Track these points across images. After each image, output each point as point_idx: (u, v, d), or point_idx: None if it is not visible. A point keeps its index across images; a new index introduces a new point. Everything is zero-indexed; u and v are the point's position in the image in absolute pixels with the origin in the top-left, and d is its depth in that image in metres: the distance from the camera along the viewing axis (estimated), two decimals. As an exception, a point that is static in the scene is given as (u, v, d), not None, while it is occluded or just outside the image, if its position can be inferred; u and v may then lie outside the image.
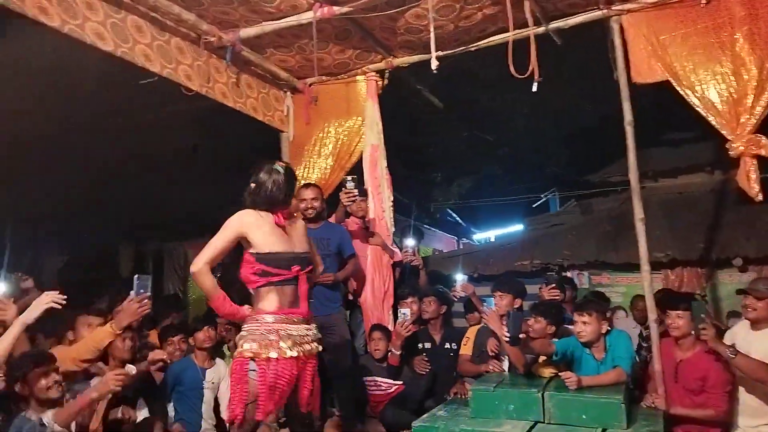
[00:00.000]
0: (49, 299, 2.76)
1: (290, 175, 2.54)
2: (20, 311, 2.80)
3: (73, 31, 3.15)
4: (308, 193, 3.98)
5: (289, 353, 2.29)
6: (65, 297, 2.80)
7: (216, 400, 3.83)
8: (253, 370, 2.29)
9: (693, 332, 3.13)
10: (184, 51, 3.93)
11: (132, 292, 2.94)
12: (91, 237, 9.59)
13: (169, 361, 3.73)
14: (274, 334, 2.29)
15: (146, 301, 2.94)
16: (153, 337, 4.24)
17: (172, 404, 3.73)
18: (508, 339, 3.29)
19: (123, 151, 7.25)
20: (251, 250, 2.41)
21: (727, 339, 3.21)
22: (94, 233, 9.54)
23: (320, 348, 2.50)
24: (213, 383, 3.82)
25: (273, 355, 2.27)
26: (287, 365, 2.29)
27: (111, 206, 8.72)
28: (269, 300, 2.35)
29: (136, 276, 2.96)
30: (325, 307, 3.83)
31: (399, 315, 3.89)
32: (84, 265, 9.56)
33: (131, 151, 7.24)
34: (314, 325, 2.50)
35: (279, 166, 2.51)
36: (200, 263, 2.32)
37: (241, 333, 2.38)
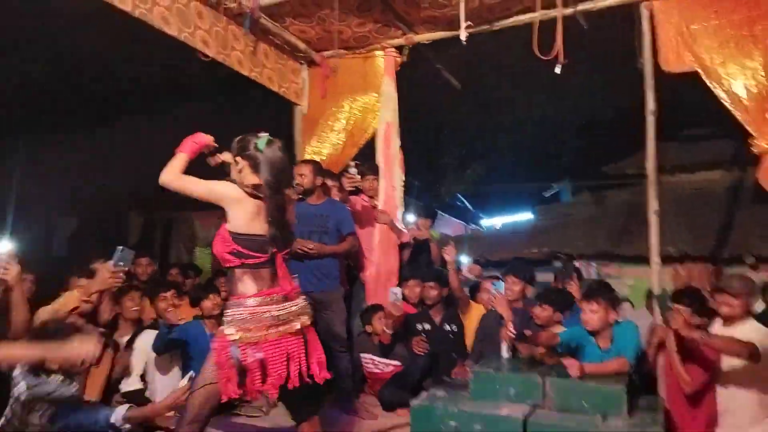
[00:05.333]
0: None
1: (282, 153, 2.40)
2: None
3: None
4: (297, 170, 3.93)
5: (275, 335, 2.25)
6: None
7: None
8: (234, 355, 2.24)
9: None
10: (203, 15, 3.90)
11: (110, 262, 2.87)
12: (103, 203, 9.67)
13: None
14: (256, 318, 2.24)
15: (121, 274, 2.91)
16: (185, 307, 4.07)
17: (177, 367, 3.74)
18: (514, 335, 3.29)
19: (137, 117, 7.28)
20: (228, 227, 2.32)
21: None
22: (106, 200, 9.63)
23: (310, 321, 2.42)
24: None
25: (254, 339, 2.23)
26: (270, 347, 2.25)
27: (122, 174, 8.78)
28: (246, 283, 2.30)
29: (120, 247, 2.88)
30: (321, 282, 3.80)
31: (390, 295, 3.86)
32: (95, 231, 9.62)
33: (145, 119, 7.27)
34: (302, 299, 2.41)
35: (267, 138, 2.38)
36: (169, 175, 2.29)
37: (225, 317, 2.33)
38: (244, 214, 2.30)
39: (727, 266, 6.05)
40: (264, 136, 2.39)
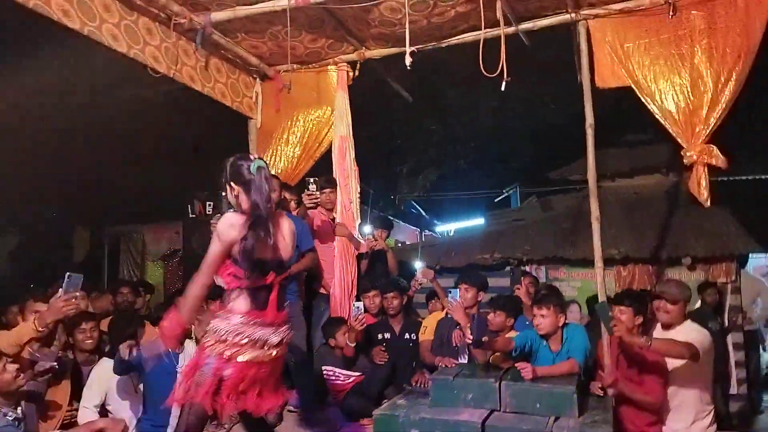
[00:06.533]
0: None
1: (268, 172, 2.46)
2: None
3: (38, 6, 3.06)
4: None
5: (247, 357, 2.28)
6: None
7: None
8: (208, 364, 2.27)
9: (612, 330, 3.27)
10: (152, 32, 3.85)
11: (61, 290, 2.84)
12: (46, 219, 9.30)
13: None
14: (239, 336, 2.28)
15: (73, 300, 2.88)
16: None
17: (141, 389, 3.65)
18: (471, 341, 3.40)
19: (81, 132, 7.07)
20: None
21: None
22: (49, 215, 9.26)
23: (282, 354, 2.45)
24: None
25: (230, 354, 2.26)
26: (244, 368, 2.27)
27: (66, 187, 8.48)
28: (240, 302, 2.34)
29: (67, 274, 2.86)
30: None
31: (353, 308, 3.93)
32: (38, 247, 9.25)
33: (89, 133, 7.07)
34: (284, 329, 2.43)
35: (259, 163, 2.41)
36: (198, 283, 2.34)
37: (209, 326, 2.36)
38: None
39: (666, 267, 6.40)
40: (256, 160, 2.42)
